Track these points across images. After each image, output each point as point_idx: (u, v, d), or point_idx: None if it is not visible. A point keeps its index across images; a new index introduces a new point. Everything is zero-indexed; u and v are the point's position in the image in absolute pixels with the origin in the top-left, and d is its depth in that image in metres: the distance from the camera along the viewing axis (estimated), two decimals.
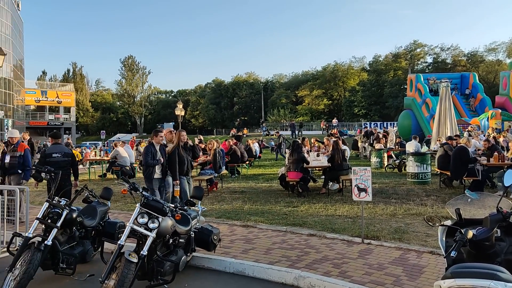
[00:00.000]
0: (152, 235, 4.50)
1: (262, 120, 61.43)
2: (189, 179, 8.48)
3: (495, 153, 10.95)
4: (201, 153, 12.63)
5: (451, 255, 3.02)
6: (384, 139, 20.01)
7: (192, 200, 5.88)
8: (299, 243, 6.25)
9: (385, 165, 16.82)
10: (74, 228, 5.31)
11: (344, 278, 4.76)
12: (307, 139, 17.90)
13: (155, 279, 4.58)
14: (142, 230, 4.53)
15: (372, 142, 20.73)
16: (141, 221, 4.57)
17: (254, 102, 73.50)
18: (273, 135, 38.86)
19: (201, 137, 17.88)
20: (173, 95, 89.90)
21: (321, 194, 10.80)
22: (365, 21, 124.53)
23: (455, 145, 11.29)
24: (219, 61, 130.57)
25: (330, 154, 11.77)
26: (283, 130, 48.71)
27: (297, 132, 41.01)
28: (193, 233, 5.38)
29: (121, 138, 44.22)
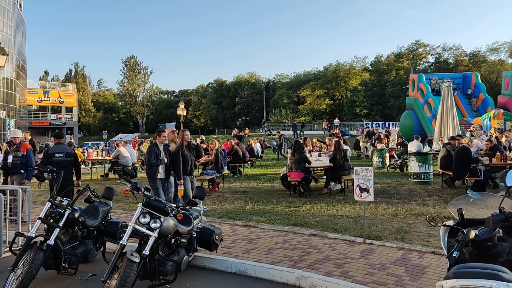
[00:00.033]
0: (154, 235, 4.50)
1: (264, 120, 61.40)
2: (192, 178, 8.49)
3: (497, 153, 10.92)
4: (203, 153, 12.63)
5: (453, 255, 3.01)
6: (386, 139, 19.99)
7: (194, 200, 5.89)
8: (301, 243, 6.25)
9: (387, 165, 16.81)
10: (76, 228, 5.33)
11: (346, 278, 4.76)
12: (309, 139, 17.91)
13: (157, 279, 4.59)
14: (144, 230, 4.53)
15: (373, 142, 20.71)
16: (143, 221, 4.57)
17: (256, 102, 73.51)
18: (274, 135, 38.86)
19: (203, 137, 17.94)
20: (175, 95, 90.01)
21: (323, 194, 10.80)
22: (367, 21, 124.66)
23: (457, 145, 11.27)
24: (221, 61, 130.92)
25: (332, 154, 11.77)
26: (285, 130, 48.71)
27: (299, 132, 40.99)
28: (195, 233, 5.39)
29: (123, 138, 44.30)
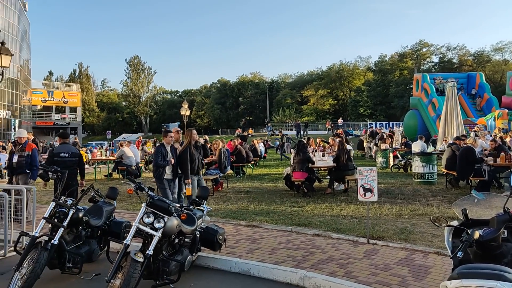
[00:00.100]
0: (157, 234, 4.51)
1: (267, 120, 61.37)
2: (200, 178, 8.45)
3: (502, 153, 10.88)
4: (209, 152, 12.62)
5: (458, 255, 3.00)
6: (389, 139, 19.94)
7: (197, 199, 5.90)
8: (305, 243, 6.24)
9: (391, 165, 16.77)
10: (80, 227, 5.34)
11: (349, 278, 4.75)
12: (312, 139, 17.90)
13: (161, 278, 4.60)
14: (147, 229, 4.55)
15: (377, 142, 20.66)
16: (146, 220, 4.58)
17: (259, 102, 73.50)
18: (277, 135, 38.87)
19: (207, 137, 17.92)
20: (178, 95, 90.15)
21: (326, 194, 10.78)
22: (371, 21, 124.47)
23: (462, 145, 11.23)
24: (224, 61, 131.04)
25: (335, 154, 11.76)
26: (288, 130, 48.71)
27: (302, 132, 40.97)
28: (199, 233, 5.39)
29: (126, 138, 44.45)
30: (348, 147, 12.18)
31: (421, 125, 27.91)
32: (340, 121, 50.29)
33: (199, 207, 5.75)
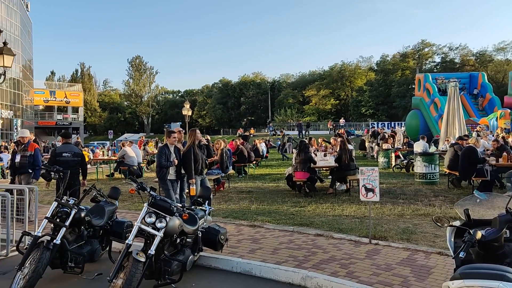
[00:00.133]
0: (159, 234, 4.52)
1: (269, 120, 61.37)
2: (204, 178, 8.40)
3: (504, 153, 10.86)
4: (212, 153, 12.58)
5: (460, 256, 3.00)
6: (391, 139, 19.92)
7: (199, 199, 5.90)
8: (306, 243, 6.24)
9: (393, 165, 16.74)
10: (82, 227, 5.36)
11: (351, 278, 4.75)
12: (314, 139, 17.87)
13: (163, 278, 4.60)
14: (149, 229, 4.55)
15: (378, 142, 20.64)
16: (148, 220, 4.59)
17: (261, 102, 73.49)
18: (279, 135, 38.87)
19: (208, 137, 17.91)
20: (180, 95, 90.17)
21: (328, 194, 10.78)
22: (373, 20, 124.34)
23: (465, 146, 11.21)
24: (226, 61, 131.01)
25: (337, 154, 11.75)
26: (290, 130, 48.68)
27: (304, 132, 40.94)
28: (200, 233, 5.40)
29: (128, 138, 44.44)
30: (349, 147, 12.18)
31: (423, 125, 27.87)
32: (342, 121, 50.26)
33: (201, 207, 5.76)
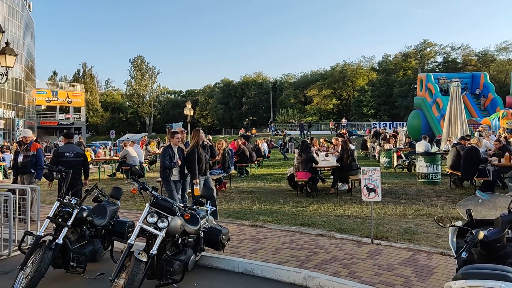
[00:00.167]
0: (161, 234, 4.52)
1: (270, 120, 61.38)
2: (208, 178, 8.34)
3: (506, 154, 10.83)
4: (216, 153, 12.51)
5: (462, 256, 3.00)
6: (393, 139, 19.89)
7: (201, 199, 5.90)
8: (308, 243, 6.24)
9: (395, 165, 16.73)
10: (84, 227, 5.36)
11: (353, 278, 4.74)
12: (315, 139, 17.88)
13: (164, 278, 4.61)
14: (151, 229, 4.56)
15: (380, 142, 20.61)
16: (150, 220, 4.60)
17: (262, 102, 73.49)
18: (280, 135, 38.85)
19: (210, 137, 17.90)
20: (182, 95, 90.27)
21: (330, 194, 10.77)
22: (374, 20, 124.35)
23: (467, 146, 11.18)
24: (228, 61, 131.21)
25: (339, 154, 11.74)
26: (292, 130, 48.67)
27: (305, 132, 40.93)
28: (202, 233, 5.40)
29: (130, 138, 44.48)
30: (351, 147, 12.17)
31: (425, 125, 27.81)
32: (343, 121, 50.26)
33: (202, 207, 5.76)
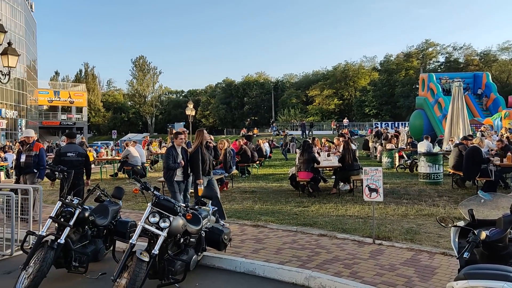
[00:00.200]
0: (163, 234, 4.53)
1: (272, 120, 61.34)
2: (211, 178, 8.30)
3: (509, 154, 10.79)
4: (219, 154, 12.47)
5: (464, 256, 2.99)
6: (395, 139, 19.87)
7: (203, 199, 5.91)
8: (310, 243, 6.24)
9: (397, 165, 16.71)
10: (86, 227, 5.37)
11: (355, 278, 4.74)
12: (317, 139, 17.87)
13: (166, 278, 4.62)
14: (153, 229, 4.56)
15: (381, 142, 20.58)
16: (152, 220, 4.60)
17: (264, 102, 73.47)
18: (281, 135, 38.83)
19: (212, 137, 17.92)
20: (183, 95, 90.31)
21: (331, 194, 10.76)
22: (376, 20, 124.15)
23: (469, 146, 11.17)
24: (229, 61, 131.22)
25: (341, 154, 11.73)
26: (294, 130, 48.66)
27: (307, 132, 40.91)
28: (204, 233, 5.40)
29: (132, 138, 44.52)
30: (353, 146, 12.16)
31: (427, 125, 27.79)
32: (345, 121, 50.20)
33: (204, 207, 5.76)
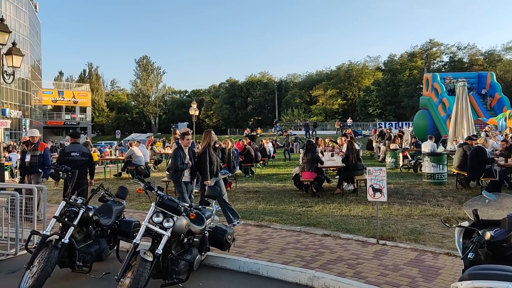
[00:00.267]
0: (167, 234, 4.53)
1: (276, 120, 61.31)
2: (219, 179, 8.27)
3: None
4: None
5: (469, 256, 2.98)
6: (399, 139, 19.81)
7: (206, 199, 5.91)
8: (313, 243, 6.23)
9: (401, 166, 16.67)
10: (90, 226, 5.39)
11: (358, 279, 4.73)
12: (321, 139, 17.83)
13: (170, 278, 4.62)
14: (157, 229, 4.57)
15: (384, 142, 20.53)
16: (156, 220, 4.61)
17: (268, 102, 73.43)
18: (284, 135, 38.85)
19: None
20: (187, 95, 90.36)
21: (335, 194, 10.75)
22: (380, 20, 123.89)
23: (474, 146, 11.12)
24: (233, 61, 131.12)
25: (344, 154, 11.71)
26: (297, 130, 48.61)
27: (311, 132, 40.87)
28: (208, 233, 5.41)
29: (135, 137, 44.59)
30: (356, 146, 12.14)
31: (431, 125, 27.67)
32: (349, 121, 50.10)
33: (208, 207, 5.76)
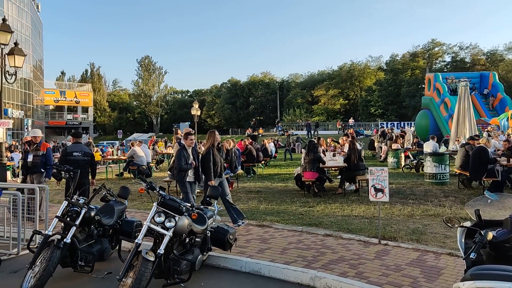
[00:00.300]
0: (168, 234, 4.54)
1: (277, 120, 61.32)
2: (223, 180, 8.23)
3: None
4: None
5: (471, 256, 2.98)
6: (401, 139, 19.79)
7: (208, 199, 5.92)
8: (315, 243, 6.23)
9: (402, 166, 16.65)
10: (92, 226, 5.39)
11: (360, 279, 4.73)
12: (323, 139, 17.84)
13: (172, 277, 4.63)
14: (159, 229, 4.57)
15: (386, 142, 20.50)
16: (158, 220, 4.61)
17: (269, 101, 73.46)
18: (285, 136, 38.81)
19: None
20: (189, 95, 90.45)
21: (337, 194, 10.74)
22: (382, 20, 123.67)
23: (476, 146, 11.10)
24: (235, 61, 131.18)
25: (346, 154, 11.70)
26: (299, 130, 48.58)
27: (313, 132, 40.84)
28: (209, 232, 5.41)
29: (137, 137, 44.66)
30: (358, 146, 12.13)
31: (433, 125, 27.65)
32: (351, 121, 50.09)
33: (210, 207, 5.77)
